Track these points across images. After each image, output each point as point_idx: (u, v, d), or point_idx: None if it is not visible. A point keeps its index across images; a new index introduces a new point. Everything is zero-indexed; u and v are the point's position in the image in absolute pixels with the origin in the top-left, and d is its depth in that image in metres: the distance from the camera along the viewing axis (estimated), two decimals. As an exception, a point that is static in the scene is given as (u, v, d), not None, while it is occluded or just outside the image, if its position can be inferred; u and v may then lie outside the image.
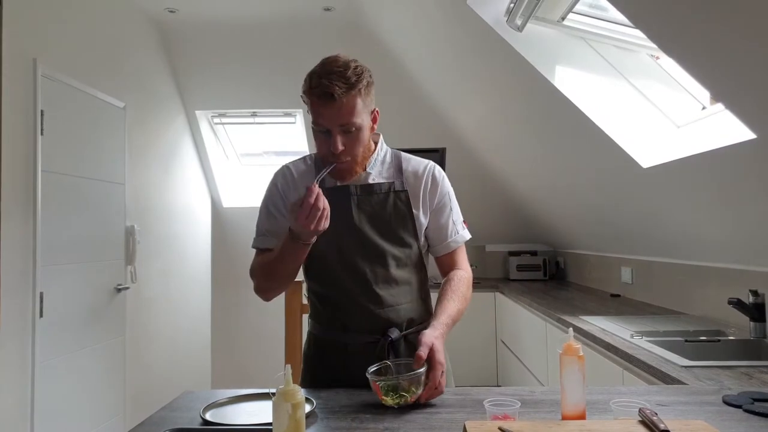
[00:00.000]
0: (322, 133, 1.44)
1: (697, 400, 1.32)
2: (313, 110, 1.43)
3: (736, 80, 1.76)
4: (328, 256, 1.50)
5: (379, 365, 1.32)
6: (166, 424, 1.18)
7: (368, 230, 1.50)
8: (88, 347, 3.33)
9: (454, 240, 1.60)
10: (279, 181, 1.59)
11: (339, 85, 1.38)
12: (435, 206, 1.57)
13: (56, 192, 3.05)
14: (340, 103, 1.39)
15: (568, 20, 2.74)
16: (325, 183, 1.49)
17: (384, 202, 1.52)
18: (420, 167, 1.59)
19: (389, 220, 1.51)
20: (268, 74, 4.64)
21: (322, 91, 1.38)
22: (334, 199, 1.46)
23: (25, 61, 2.83)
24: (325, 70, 1.42)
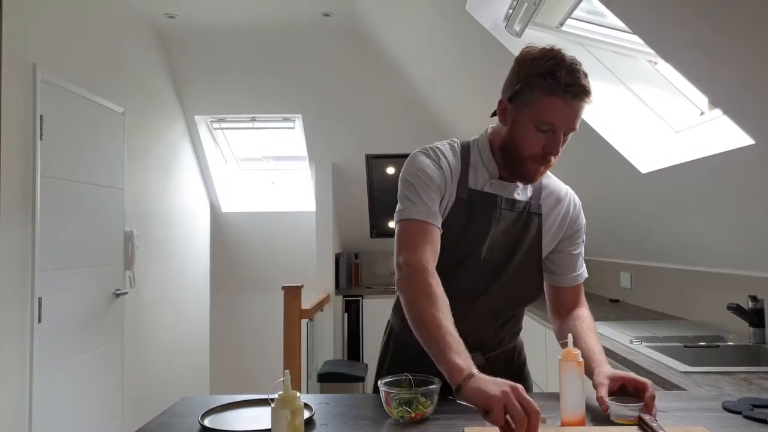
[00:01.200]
0: (544, 131, 1.30)
1: (696, 406, 1.31)
2: (548, 104, 1.27)
3: (734, 86, 1.76)
4: (453, 257, 1.37)
5: (394, 377, 1.27)
6: (164, 429, 1.18)
7: (495, 246, 1.39)
8: (87, 352, 3.32)
9: (581, 274, 1.50)
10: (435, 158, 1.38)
11: (588, 85, 1.27)
12: (569, 235, 1.47)
13: (55, 197, 3.04)
14: (580, 106, 1.28)
15: (566, 26, 2.75)
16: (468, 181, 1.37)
17: (518, 220, 1.41)
18: (561, 190, 1.49)
19: (517, 240, 1.40)
20: (267, 79, 4.65)
21: (580, 91, 1.25)
22: (477, 204, 1.38)
23: (25, 66, 2.84)
24: (575, 66, 1.27)
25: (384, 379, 1.26)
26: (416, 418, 1.21)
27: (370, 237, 5.64)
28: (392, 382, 1.27)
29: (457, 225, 1.37)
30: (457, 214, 1.37)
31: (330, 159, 5.17)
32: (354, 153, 5.07)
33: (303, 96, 4.73)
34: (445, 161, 1.38)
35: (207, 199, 5.44)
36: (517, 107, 1.33)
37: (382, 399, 1.24)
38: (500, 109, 1.39)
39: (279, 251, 5.51)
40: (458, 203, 1.37)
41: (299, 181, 5.54)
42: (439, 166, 1.37)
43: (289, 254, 5.47)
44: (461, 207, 1.37)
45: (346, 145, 5.04)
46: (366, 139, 4.98)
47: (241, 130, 5.27)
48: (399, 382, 1.27)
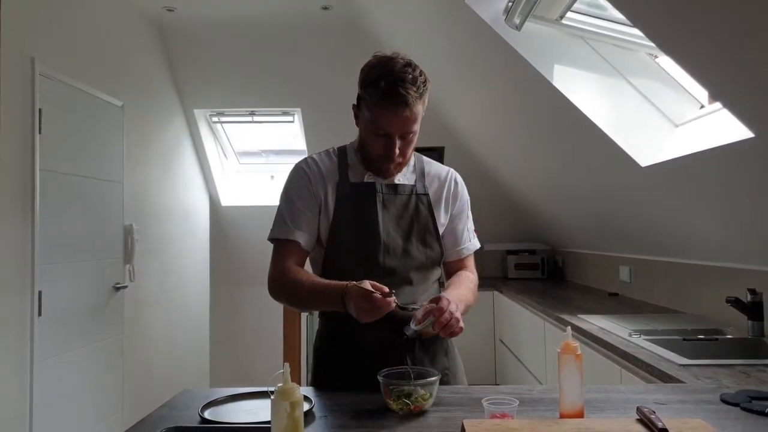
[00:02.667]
0: (380, 136, 1.43)
1: (694, 398, 1.32)
2: (379, 114, 1.40)
3: (734, 79, 1.76)
4: (349, 252, 1.49)
5: (392, 369, 1.29)
6: (164, 422, 1.18)
7: (392, 230, 1.50)
8: (87, 346, 3.33)
9: (466, 247, 1.63)
10: (306, 173, 1.54)
11: (412, 93, 1.36)
12: (453, 212, 1.60)
13: (54, 191, 3.04)
14: (410, 112, 1.38)
15: (566, 19, 2.74)
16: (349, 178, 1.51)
17: (407, 203, 1.53)
18: (442, 172, 1.62)
19: (411, 221, 1.52)
20: (266, 73, 4.63)
21: (399, 100, 1.36)
22: (359, 195, 1.49)
23: (23, 59, 2.83)
24: (397, 75, 1.37)
25: (383, 372, 1.27)
26: (415, 411, 1.21)
27: (369, 231, 5.63)
28: (392, 374, 1.27)
29: (350, 214, 1.49)
30: (344, 206, 1.50)
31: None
32: (353, 147, 5.06)
33: (302, 90, 4.72)
34: (315, 168, 1.54)
35: (206, 193, 5.44)
36: (361, 113, 1.49)
37: (381, 391, 1.24)
38: (354, 113, 1.56)
39: (279, 245, 5.50)
40: (341, 197, 1.50)
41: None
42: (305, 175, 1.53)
43: (288, 248, 5.46)
44: (346, 199, 1.49)
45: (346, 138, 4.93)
46: (365, 133, 4.97)
47: (240, 124, 5.26)
48: (399, 374, 1.28)
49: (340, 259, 1.51)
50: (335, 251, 1.51)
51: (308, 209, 1.51)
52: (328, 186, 1.52)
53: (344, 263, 1.50)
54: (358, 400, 1.32)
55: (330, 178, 1.52)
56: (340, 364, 1.52)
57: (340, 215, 1.50)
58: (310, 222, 1.51)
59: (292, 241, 1.51)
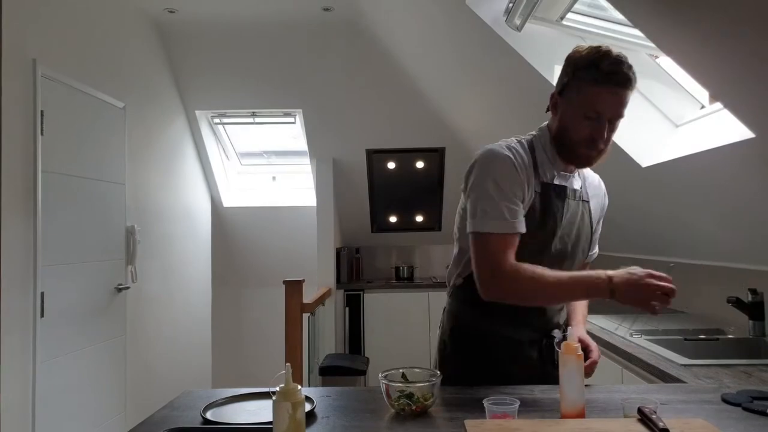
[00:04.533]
0: (591, 118, 1.38)
1: (696, 398, 1.32)
2: (595, 93, 1.36)
3: (734, 79, 1.76)
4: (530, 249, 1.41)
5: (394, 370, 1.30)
6: (166, 423, 1.19)
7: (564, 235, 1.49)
8: (89, 347, 3.33)
9: (595, 252, 1.68)
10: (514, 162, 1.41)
11: (632, 76, 1.37)
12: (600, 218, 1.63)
13: (56, 192, 3.05)
14: (625, 94, 1.37)
15: (566, 20, 2.74)
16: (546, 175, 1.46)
17: (577, 209, 1.53)
18: (596, 179, 1.63)
19: (579, 227, 1.53)
20: (267, 74, 4.64)
21: (622, 78, 1.35)
22: (550, 196, 1.47)
23: (25, 61, 2.83)
24: (615, 58, 1.36)
25: (384, 372, 1.27)
26: (417, 411, 1.22)
27: (371, 232, 5.64)
28: (393, 375, 1.28)
29: (533, 218, 1.43)
30: (532, 208, 1.44)
31: (331, 154, 5.17)
32: (355, 148, 5.07)
33: (303, 91, 4.73)
34: (520, 159, 1.44)
35: (208, 194, 5.45)
36: (566, 99, 1.43)
37: (383, 392, 1.25)
38: (552, 103, 1.49)
39: (280, 246, 5.52)
40: (535, 197, 1.45)
41: (300, 176, 5.54)
42: (513, 164, 1.41)
43: (290, 249, 5.48)
44: (536, 201, 1.45)
45: (347, 139, 5.04)
46: (367, 133, 4.98)
47: (242, 125, 5.27)
48: (400, 375, 1.28)
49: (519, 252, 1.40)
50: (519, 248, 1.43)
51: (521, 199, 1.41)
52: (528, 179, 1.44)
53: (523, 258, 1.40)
54: (360, 400, 1.33)
55: (528, 173, 1.44)
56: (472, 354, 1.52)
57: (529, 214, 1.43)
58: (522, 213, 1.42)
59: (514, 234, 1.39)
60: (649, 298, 1.29)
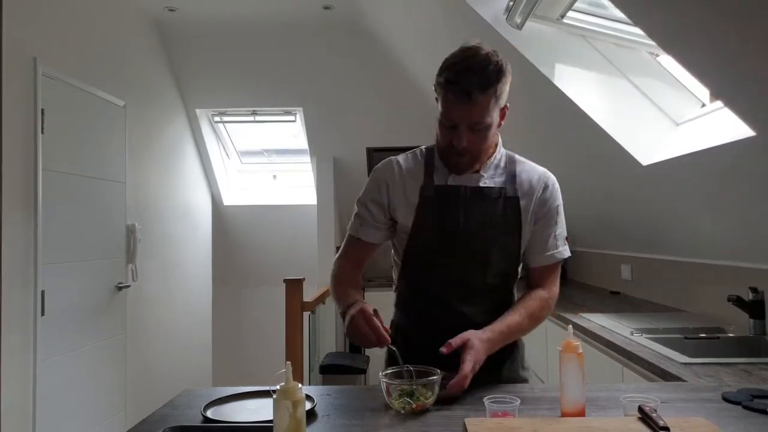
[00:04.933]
0: (448, 126, 1.39)
1: (696, 396, 1.32)
2: (444, 103, 1.38)
3: (735, 78, 1.76)
4: (428, 254, 1.48)
5: (395, 368, 1.30)
6: (167, 421, 1.19)
7: (472, 235, 1.45)
8: (90, 345, 3.33)
9: (552, 254, 1.52)
10: (384, 176, 1.52)
11: (478, 84, 1.33)
12: (542, 215, 1.50)
13: (57, 190, 3.05)
14: (474, 103, 1.34)
15: (567, 18, 2.74)
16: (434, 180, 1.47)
17: (493, 207, 1.46)
18: (534, 174, 1.52)
19: (495, 227, 1.45)
20: (268, 73, 4.64)
21: (460, 90, 1.33)
22: (443, 199, 1.46)
23: (26, 60, 2.83)
24: (465, 64, 1.35)
25: (385, 371, 1.27)
26: (417, 409, 1.21)
27: (371, 230, 5.63)
28: (393, 373, 1.28)
29: (431, 218, 1.46)
30: (426, 209, 1.47)
31: (331, 152, 5.17)
32: (355, 146, 5.06)
33: (304, 89, 4.72)
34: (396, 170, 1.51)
35: (209, 193, 5.45)
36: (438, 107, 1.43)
37: (383, 390, 1.25)
38: None
39: (281, 244, 5.52)
40: (424, 200, 1.47)
41: (300, 175, 5.54)
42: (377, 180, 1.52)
43: (290, 247, 5.48)
44: (429, 203, 1.46)
45: (347, 138, 5.03)
46: (367, 132, 4.97)
47: (242, 124, 5.26)
48: (400, 373, 1.28)
49: (419, 262, 1.50)
50: (413, 255, 1.50)
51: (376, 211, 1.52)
52: (410, 188, 1.48)
53: (422, 267, 1.50)
54: (361, 399, 1.33)
55: (414, 180, 1.48)
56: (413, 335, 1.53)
57: (422, 218, 1.46)
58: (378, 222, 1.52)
59: (356, 238, 1.56)
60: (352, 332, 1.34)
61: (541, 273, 1.54)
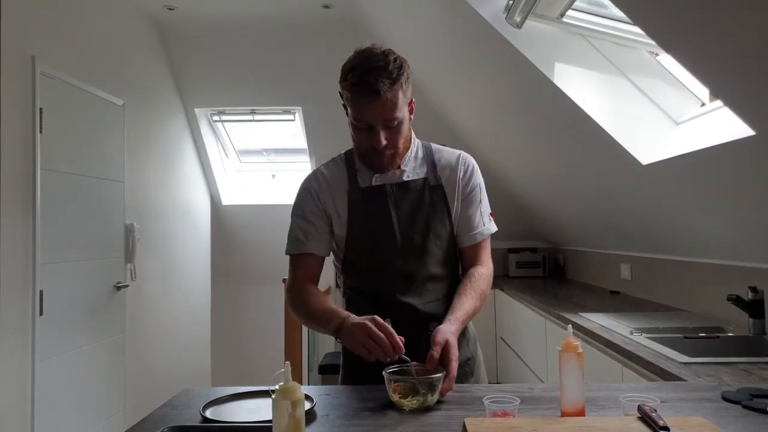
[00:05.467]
0: (363, 129, 1.43)
1: (696, 396, 1.32)
2: (355, 106, 1.40)
3: (735, 77, 1.76)
4: (368, 255, 1.50)
5: (399, 366, 1.29)
6: (166, 421, 1.19)
7: (406, 229, 1.48)
8: (88, 345, 3.33)
9: (480, 232, 1.55)
10: (312, 185, 1.56)
11: (383, 81, 1.36)
12: (466, 196, 1.54)
13: (55, 190, 3.04)
14: (384, 99, 1.37)
15: (567, 17, 2.74)
16: (359, 183, 1.50)
17: (420, 199, 1.50)
18: (453, 158, 1.57)
19: (427, 217, 1.49)
20: (267, 72, 4.63)
21: (368, 89, 1.36)
22: (370, 200, 1.48)
23: (24, 59, 2.83)
24: (366, 65, 1.38)
25: (388, 369, 1.26)
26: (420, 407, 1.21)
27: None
28: (397, 371, 1.27)
29: (363, 220, 1.49)
30: (357, 213, 1.50)
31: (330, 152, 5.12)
32: (354, 145, 5.05)
33: (303, 88, 4.72)
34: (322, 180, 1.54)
35: (207, 192, 5.44)
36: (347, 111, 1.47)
37: (387, 388, 1.24)
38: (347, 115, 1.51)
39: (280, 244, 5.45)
40: (353, 204, 1.50)
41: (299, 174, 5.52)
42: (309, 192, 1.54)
43: (289, 247, 5.46)
44: (358, 206, 1.49)
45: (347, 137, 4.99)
46: (366, 131, 4.97)
47: (241, 123, 5.26)
48: (402, 370, 1.28)
49: (359, 265, 1.52)
50: (353, 258, 1.51)
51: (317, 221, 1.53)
52: (338, 196, 1.52)
53: (363, 269, 1.51)
54: (360, 399, 1.32)
55: (339, 187, 1.52)
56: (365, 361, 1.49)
57: (355, 222, 1.50)
58: (321, 233, 1.53)
59: (304, 254, 1.54)
60: (360, 341, 1.26)
61: (474, 251, 1.57)
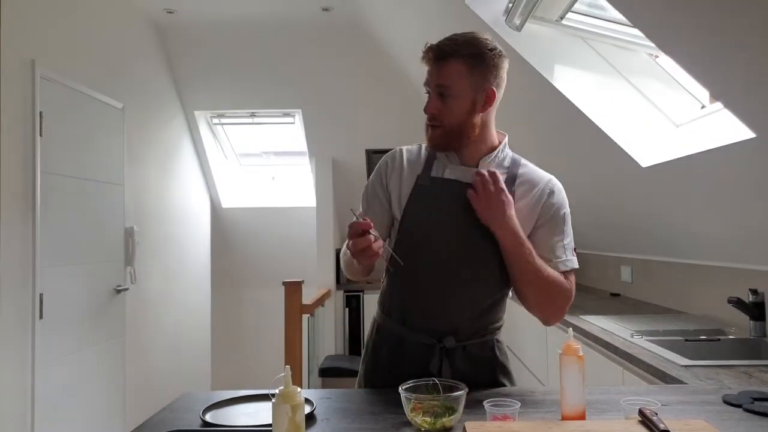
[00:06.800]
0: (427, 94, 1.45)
1: (697, 399, 1.31)
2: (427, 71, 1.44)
3: (735, 79, 1.76)
4: (418, 243, 1.43)
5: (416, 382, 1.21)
6: (165, 425, 1.18)
7: (462, 230, 1.41)
8: (88, 348, 3.33)
9: (560, 262, 1.42)
10: (387, 162, 1.54)
11: (445, 45, 1.39)
12: (543, 222, 1.44)
13: (55, 193, 3.04)
14: (442, 64, 1.39)
15: (566, 20, 2.74)
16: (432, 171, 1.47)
17: None
18: (538, 180, 1.47)
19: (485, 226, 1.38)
20: (266, 74, 4.64)
21: (428, 48, 1.40)
22: (437, 189, 1.44)
23: (24, 62, 2.83)
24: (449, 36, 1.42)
25: (405, 385, 1.18)
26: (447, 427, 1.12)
27: (370, 232, 5.63)
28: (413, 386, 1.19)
29: (422, 210, 1.44)
30: (419, 200, 1.45)
31: (330, 154, 5.16)
32: (354, 148, 5.06)
33: (302, 91, 4.72)
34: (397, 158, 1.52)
35: (207, 195, 5.44)
36: None
37: (406, 408, 1.15)
38: None
39: (280, 247, 5.51)
40: (418, 189, 1.45)
41: (299, 177, 5.53)
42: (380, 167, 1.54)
43: (289, 250, 5.47)
44: (423, 193, 1.45)
45: (346, 140, 5.03)
46: (366, 133, 4.97)
47: (241, 126, 5.26)
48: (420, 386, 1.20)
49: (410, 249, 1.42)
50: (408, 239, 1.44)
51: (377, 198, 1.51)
52: (407, 178, 1.48)
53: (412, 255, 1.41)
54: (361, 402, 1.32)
55: (412, 170, 1.48)
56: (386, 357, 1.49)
57: (412, 208, 1.44)
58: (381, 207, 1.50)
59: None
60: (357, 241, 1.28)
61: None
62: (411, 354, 1.43)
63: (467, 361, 1.43)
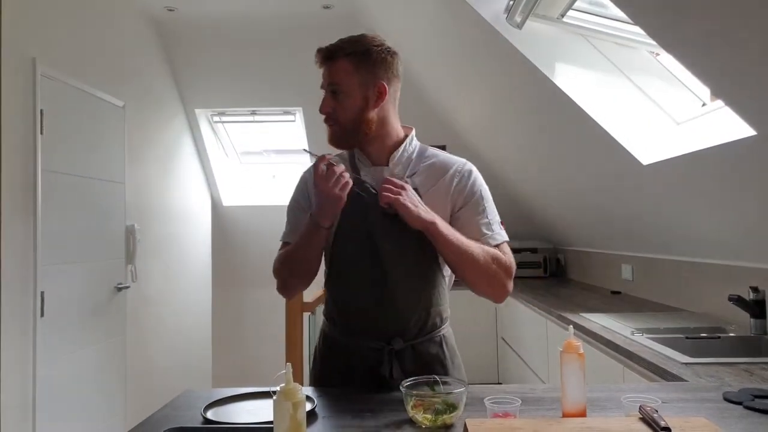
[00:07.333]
0: None
1: (697, 396, 1.32)
2: None
3: (736, 77, 1.75)
4: (346, 255, 1.47)
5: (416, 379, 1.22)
6: (167, 422, 1.18)
7: (383, 232, 1.42)
8: (89, 346, 3.33)
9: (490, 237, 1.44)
10: (307, 176, 1.58)
11: (331, 46, 1.45)
12: (462, 204, 1.46)
13: (56, 191, 3.04)
14: (330, 64, 1.44)
15: (567, 17, 2.74)
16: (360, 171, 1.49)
17: None
18: (449, 166, 1.49)
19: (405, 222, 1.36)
20: (267, 72, 4.63)
21: (317, 51, 1.47)
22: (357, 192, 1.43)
23: (25, 60, 2.83)
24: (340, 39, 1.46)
25: (407, 382, 1.20)
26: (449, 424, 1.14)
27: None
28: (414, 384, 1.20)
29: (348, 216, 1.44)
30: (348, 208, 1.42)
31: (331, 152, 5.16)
32: (355, 146, 5.05)
33: (303, 89, 4.70)
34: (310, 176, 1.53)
35: (208, 193, 5.44)
36: None
37: (408, 405, 1.17)
38: None
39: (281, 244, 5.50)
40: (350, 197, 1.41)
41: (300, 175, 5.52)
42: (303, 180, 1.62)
43: (290, 247, 5.46)
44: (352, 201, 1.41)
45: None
46: (366, 132, 4.97)
47: (242, 124, 5.26)
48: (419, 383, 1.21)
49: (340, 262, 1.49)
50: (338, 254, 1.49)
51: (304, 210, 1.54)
52: None
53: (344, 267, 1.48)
54: (361, 400, 1.32)
55: None
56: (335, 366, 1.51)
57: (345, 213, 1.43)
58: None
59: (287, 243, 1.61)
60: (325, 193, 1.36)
61: None
62: (359, 359, 1.45)
63: (417, 361, 1.44)
